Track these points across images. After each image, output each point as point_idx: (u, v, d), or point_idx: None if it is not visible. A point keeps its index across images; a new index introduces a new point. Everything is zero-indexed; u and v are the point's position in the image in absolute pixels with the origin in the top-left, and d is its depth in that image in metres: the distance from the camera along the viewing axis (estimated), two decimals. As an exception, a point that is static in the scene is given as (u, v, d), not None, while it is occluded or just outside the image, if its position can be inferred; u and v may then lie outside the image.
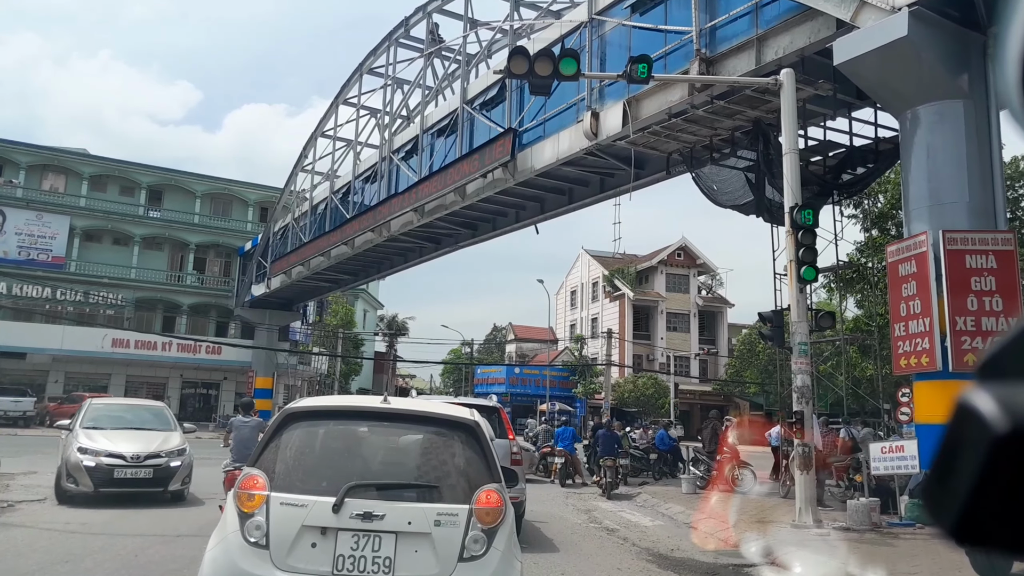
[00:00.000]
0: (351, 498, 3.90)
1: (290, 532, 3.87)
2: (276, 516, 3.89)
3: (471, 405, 11.24)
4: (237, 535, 3.90)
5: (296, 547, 3.86)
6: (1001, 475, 0.62)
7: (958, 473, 0.65)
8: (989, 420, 0.63)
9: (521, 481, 9.71)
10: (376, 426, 4.57)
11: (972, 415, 0.64)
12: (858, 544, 8.96)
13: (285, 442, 4.23)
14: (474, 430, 4.41)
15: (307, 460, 4.28)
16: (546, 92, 11.02)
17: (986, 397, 0.65)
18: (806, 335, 10.21)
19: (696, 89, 13.51)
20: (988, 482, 0.63)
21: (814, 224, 10.48)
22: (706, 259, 56.60)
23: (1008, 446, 0.62)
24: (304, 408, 4.53)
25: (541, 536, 9.89)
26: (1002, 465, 0.62)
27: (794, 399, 10.34)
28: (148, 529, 8.79)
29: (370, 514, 3.88)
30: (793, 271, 10.33)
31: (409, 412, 4.68)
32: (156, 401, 15.24)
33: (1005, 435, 0.62)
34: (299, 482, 4.07)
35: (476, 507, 4.03)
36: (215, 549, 4.02)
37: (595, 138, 16.14)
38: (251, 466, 4.15)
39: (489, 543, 4.01)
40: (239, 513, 3.94)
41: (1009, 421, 0.62)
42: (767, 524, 10.00)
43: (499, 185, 20.28)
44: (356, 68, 29.72)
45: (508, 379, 50.52)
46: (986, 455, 0.63)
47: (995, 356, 0.71)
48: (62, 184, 42.37)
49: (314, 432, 4.42)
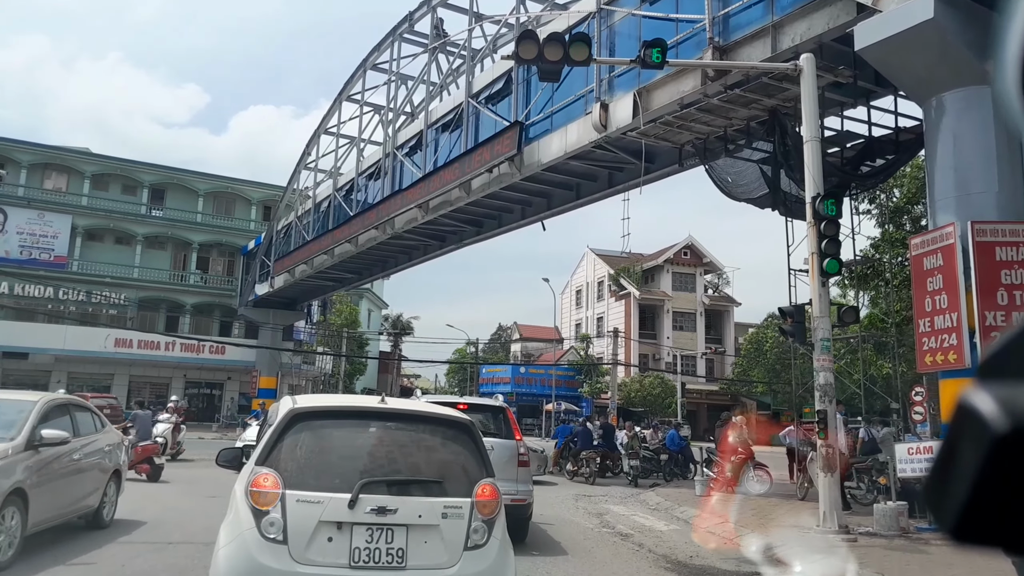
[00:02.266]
0: (365, 494, 4.10)
1: (308, 527, 4.03)
2: (293, 513, 4.04)
3: (476, 405, 10.93)
4: (253, 531, 4.02)
5: (314, 542, 4.03)
6: (1001, 474, 0.62)
7: (959, 472, 0.65)
8: (989, 420, 0.63)
9: (527, 483, 9.30)
10: (378, 425, 4.72)
11: (972, 415, 0.64)
12: (888, 551, 8.52)
13: (294, 442, 4.37)
14: (469, 428, 4.70)
15: (318, 458, 4.42)
16: (556, 78, 10.59)
17: (986, 397, 0.65)
18: (828, 331, 9.75)
19: (709, 78, 13.07)
20: (988, 481, 0.63)
21: (837, 215, 10.03)
22: (713, 258, 56.18)
23: (1008, 446, 0.62)
24: (310, 408, 4.63)
25: (550, 541, 9.48)
26: (1002, 464, 0.62)
27: (816, 397, 9.90)
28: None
29: (384, 509, 4.10)
30: (815, 264, 9.88)
31: (408, 412, 4.95)
32: (32, 394, 8.52)
33: (1005, 435, 0.62)
34: (313, 480, 4.22)
35: (477, 500, 4.32)
36: (230, 546, 4.11)
37: (604, 130, 15.70)
38: (260, 465, 4.24)
39: (489, 533, 4.33)
40: (253, 511, 4.05)
41: (1009, 421, 0.62)
42: (789, 529, 9.55)
43: (505, 180, 19.86)
44: (360, 64, 29.33)
45: (513, 379, 50.19)
46: (986, 455, 0.63)
47: (995, 356, 0.71)
48: (64, 183, 42.10)
49: (321, 432, 4.56)
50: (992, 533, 0.65)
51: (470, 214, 24.22)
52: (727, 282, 57.89)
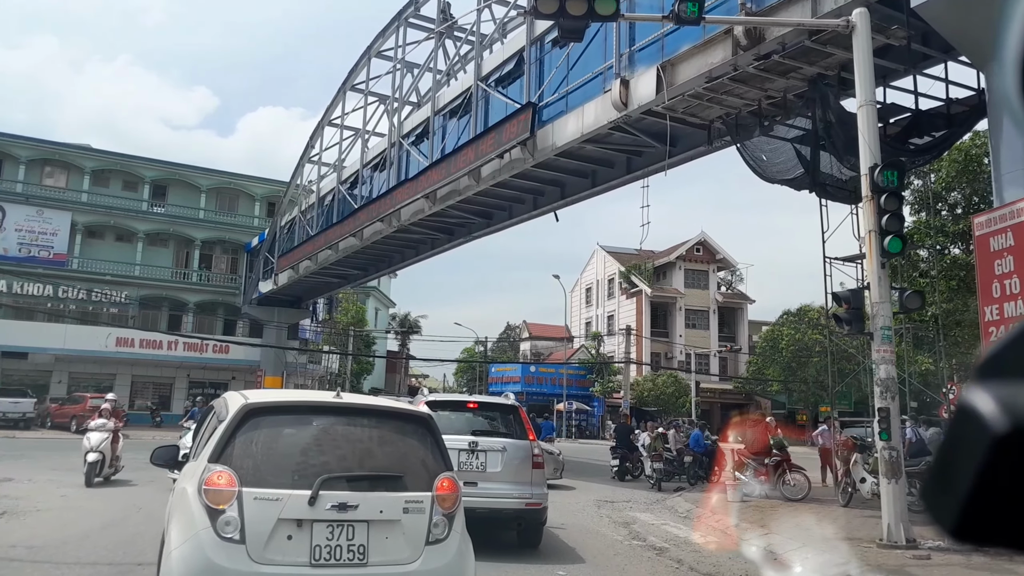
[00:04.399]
0: (325, 490, 4.01)
1: (266, 526, 3.93)
2: (250, 511, 3.93)
3: (487, 404, 9.96)
4: (209, 531, 3.89)
5: (272, 540, 3.93)
6: (1001, 474, 0.63)
7: (959, 472, 0.65)
8: (989, 420, 0.63)
9: (542, 486, 8.54)
10: (335, 420, 4.60)
11: (972, 415, 0.65)
12: (969, 570, 7.38)
13: (248, 438, 4.22)
14: (427, 422, 4.64)
15: (275, 455, 4.28)
16: (579, 37, 9.49)
17: (986, 397, 0.65)
18: (890, 318, 8.63)
19: (741, 48, 11.93)
20: (988, 481, 0.63)
21: (899, 187, 8.89)
22: (726, 254, 55.05)
23: (1008, 446, 0.62)
24: (262, 404, 4.45)
25: (576, 556, 8.40)
26: (1002, 464, 0.63)
27: (876, 394, 8.76)
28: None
29: (345, 505, 4.03)
30: (874, 243, 8.75)
31: (365, 407, 4.89)
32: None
33: (1005, 435, 0.62)
34: (270, 477, 4.11)
35: (437, 494, 4.30)
36: (184, 547, 3.94)
37: (625, 108, 14.60)
38: (214, 462, 4.08)
39: (450, 527, 4.31)
40: (208, 510, 3.92)
41: (1009, 421, 0.63)
42: (847, 544, 8.43)
43: (517, 166, 18.76)
44: (364, 52, 28.30)
45: (523, 378, 49.23)
46: (986, 454, 0.63)
47: (995, 356, 0.71)
48: (63, 179, 41.20)
49: (276, 428, 4.42)
50: (992, 533, 0.64)
51: (479, 205, 23.15)
52: (741, 279, 56.80)
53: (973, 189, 18.71)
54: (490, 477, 8.19)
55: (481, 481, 8.10)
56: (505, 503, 8.17)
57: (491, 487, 8.12)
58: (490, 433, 8.62)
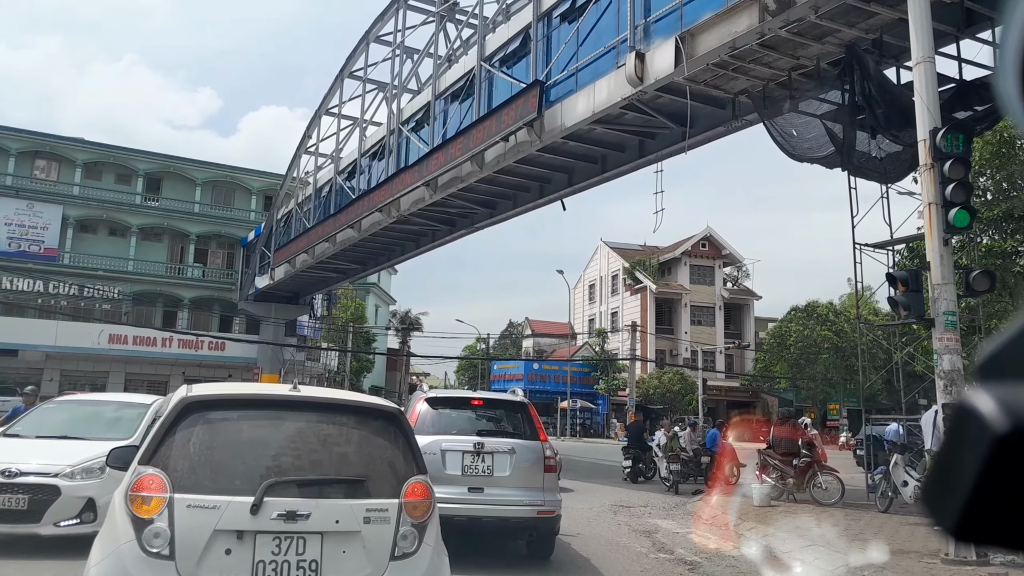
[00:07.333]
0: (271, 497, 3.55)
1: (200, 538, 3.47)
2: (182, 521, 3.47)
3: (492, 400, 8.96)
4: (133, 545, 3.43)
5: (207, 555, 3.47)
6: (1001, 474, 0.63)
7: (959, 472, 0.65)
8: (989, 420, 0.63)
9: (555, 491, 7.72)
10: (289, 416, 4.06)
11: (972, 415, 0.64)
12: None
13: (186, 436, 3.73)
14: (397, 418, 4.17)
15: (215, 456, 3.78)
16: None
17: (986, 397, 0.65)
18: (954, 301, 7.60)
19: (769, 12, 10.93)
20: (988, 481, 0.63)
21: (966, 152, 7.85)
22: (732, 249, 54.11)
23: (1008, 446, 0.62)
24: (205, 397, 3.92)
25: (593, 571, 7.42)
26: (1002, 464, 0.63)
27: (939, 387, 7.73)
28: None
29: (294, 514, 3.56)
30: (936, 218, 7.71)
31: (324, 400, 4.34)
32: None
33: (1005, 435, 0.62)
34: (208, 481, 3.62)
35: (405, 501, 3.81)
36: (103, 564, 3.50)
37: (640, 83, 13.57)
38: (144, 464, 3.62)
39: (420, 539, 3.82)
40: (133, 519, 3.47)
41: (1009, 421, 0.63)
42: (906, 558, 7.40)
43: (523, 150, 17.72)
44: (362, 37, 27.28)
45: (527, 375, 48.26)
46: (986, 454, 0.63)
47: (995, 356, 0.70)
48: (55, 171, 40.33)
49: (220, 424, 3.90)
50: (992, 533, 0.64)
51: (482, 193, 22.12)
52: (747, 275, 55.86)
53: (1005, 174, 17.63)
54: (498, 482, 7.32)
55: (488, 487, 7.26)
56: (515, 511, 7.30)
57: (499, 493, 7.29)
58: (497, 433, 7.74)
